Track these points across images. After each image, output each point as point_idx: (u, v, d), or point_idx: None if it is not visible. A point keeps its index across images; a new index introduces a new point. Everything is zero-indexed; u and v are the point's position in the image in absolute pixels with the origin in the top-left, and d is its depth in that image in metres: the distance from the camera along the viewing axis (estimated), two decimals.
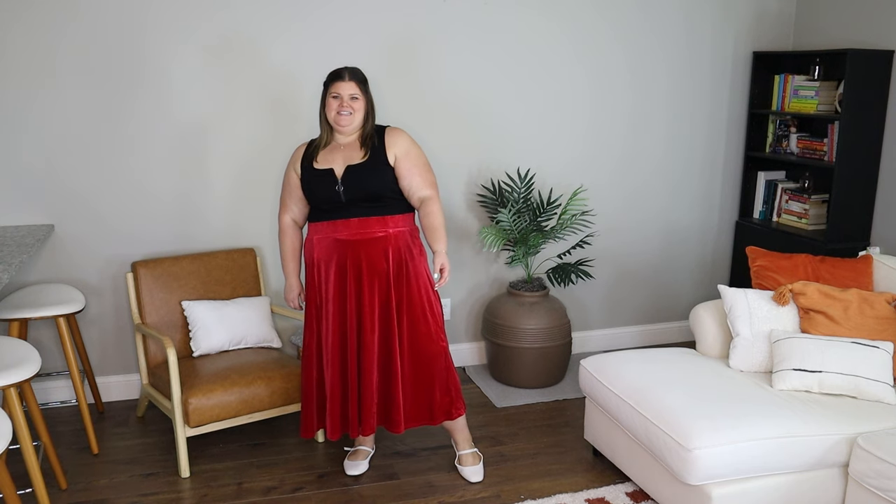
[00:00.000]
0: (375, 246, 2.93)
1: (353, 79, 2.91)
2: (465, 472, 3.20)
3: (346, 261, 2.93)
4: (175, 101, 3.67)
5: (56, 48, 3.48)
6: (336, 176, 2.92)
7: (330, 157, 2.98)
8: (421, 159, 3.02)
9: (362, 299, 2.94)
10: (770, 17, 4.54)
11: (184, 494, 3.06)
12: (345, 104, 2.90)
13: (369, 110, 2.97)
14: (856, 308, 3.08)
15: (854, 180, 4.04)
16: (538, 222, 4.00)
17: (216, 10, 3.63)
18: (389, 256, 2.94)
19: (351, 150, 2.97)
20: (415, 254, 3.00)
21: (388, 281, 2.95)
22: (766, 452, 2.61)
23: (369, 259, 2.93)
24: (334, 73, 2.93)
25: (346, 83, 2.90)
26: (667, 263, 4.69)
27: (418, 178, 2.99)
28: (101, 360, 3.85)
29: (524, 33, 4.11)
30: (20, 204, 3.59)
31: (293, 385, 3.33)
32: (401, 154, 2.97)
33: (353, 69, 2.93)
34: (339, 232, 2.94)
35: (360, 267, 2.93)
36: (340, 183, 2.91)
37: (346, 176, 2.91)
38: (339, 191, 2.91)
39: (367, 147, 2.95)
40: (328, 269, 2.96)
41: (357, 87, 2.91)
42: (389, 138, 2.99)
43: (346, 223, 2.93)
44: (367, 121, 2.97)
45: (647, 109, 4.42)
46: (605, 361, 3.20)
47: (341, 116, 2.90)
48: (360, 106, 2.92)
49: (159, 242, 3.79)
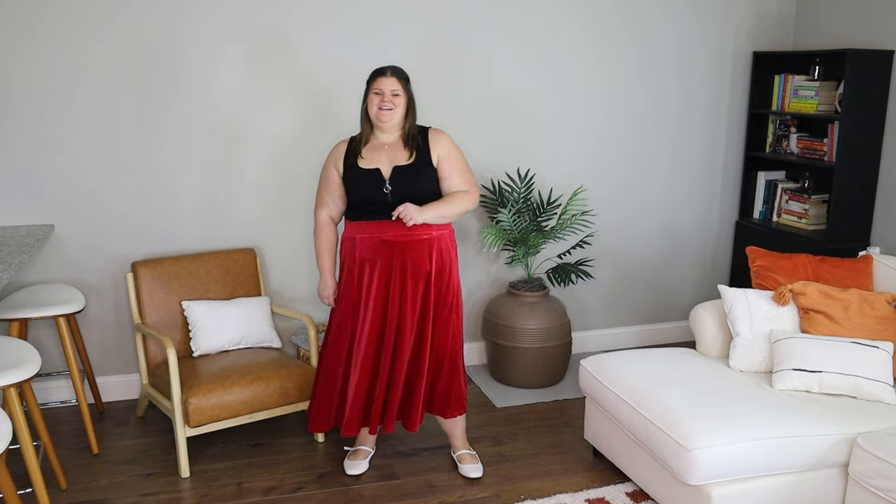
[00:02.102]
0: (420, 248, 2.96)
1: (395, 75, 2.95)
2: (464, 469, 3.20)
3: (391, 261, 2.95)
4: (175, 102, 3.67)
5: (56, 46, 3.48)
6: (384, 176, 2.94)
7: (374, 156, 2.99)
8: (461, 160, 3.07)
9: (405, 300, 2.97)
10: (770, 17, 4.54)
11: (184, 494, 3.06)
12: (386, 99, 2.93)
13: (410, 107, 2.99)
14: (856, 308, 3.08)
15: (854, 180, 4.04)
16: (538, 222, 4.00)
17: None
18: (433, 258, 2.98)
19: (395, 150, 2.99)
20: (453, 256, 3.06)
21: (430, 282, 2.98)
22: (766, 452, 2.61)
23: (413, 260, 2.95)
24: (377, 70, 2.98)
25: (389, 79, 2.94)
26: (667, 263, 4.69)
27: (458, 178, 3.04)
28: (101, 360, 3.85)
29: (527, 32, 4.11)
30: (20, 204, 3.59)
31: (293, 385, 3.32)
32: (443, 155, 3.01)
33: (396, 67, 2.99)
34: (384, 232, 2.95)
35: (404, 268, 2.95)
36: (388, 184, 2.93)
37: (394, 177, 2.94)
38: (388, 192, 2.92)
39: (411, 147, 2.98)
40: (372, 269, 2.97)
41: (399, 84, 2.94)
42: (433, 139, 3.02)
43: (392, 224, 2.95)
44: (407, 118, 3.00)
45: (647, 109, 4.42)
46: (605, 361, 3.20)
47: (382, 112, 2.93)
48: (401, 102, 2.95)
49: (159, 242, 3.79)
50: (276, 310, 3.71)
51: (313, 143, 3.89)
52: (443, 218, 2.98)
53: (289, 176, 3.90)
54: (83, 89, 3.55)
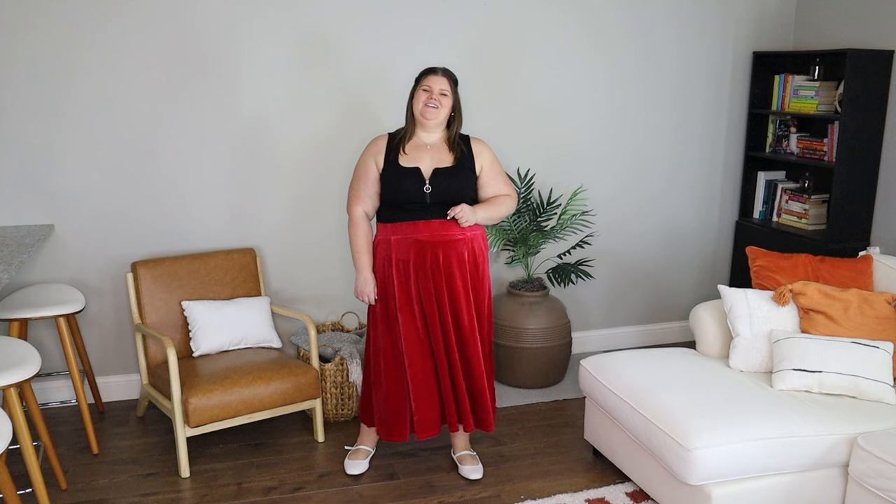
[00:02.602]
0: (455, 247, 2.98)
1: (446, 76, 2.99)
2: (464, 469, 3.20)
3: (428, 261, 2.96)
4: (175, 102, 3.67)
5: (55, 46, 3.48)
6: (423, 176, 2.95)
7: (416, 155, 3.00)
8: (502, 169, 3.16)
9: (443, 299, 2.97)
10: (770, 17, 4.54)
11: (184, 494, 3.06)
12: (434, 97, 2.95)
13: (456, 111, 3.03)
14: (856, 308, 3.08)
15: (854, 180, 4.04)
16: (538, 222, 4.00)
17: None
18: (466, 257, 3.00)
19: (438, 151, 3.02)
20: (485, 256, 3.09)
21: (467, 281, 3.01)
22: (766, 452, 2.61)
23: (448, 260, 2.97)
24: (429, 69, 3.01)
25: (439, 78, 2.97)
26: (667, 263, 4.69)
27: (501, 184, 3.11)
28: (101, 360, 3.85)
29: (527, 32, 4.11)
30: (20, 204, 3.59)
31: (293, 385, 3.32)
32: (487, 165, 3.08)
33: (448, 69, 3.03)
34: (420, 232, 2.96)
35: (442, 267, 2.96)
36: (429, 184, 2.94)
37: (435, 177, 2.96)
38: (427, 192, 2.94)
39: (455, 151, 3.01)
40: (408, 269, 2.98)
41: (448, 84, 2.98)
42: (476, 147, 3.09)
43: (428, 224, 2.96)
44: (452, 121, 3.03)
45: (646, 109, 4.42)
46: (605, 361, 3.20)
47: (428, 109, 2.95)
48: (448, 103, 2.98)
49: (159, 242, 3.79)
50: (276, 310, 3.71)
51: (316, 144, 3.89)
52: (491, 220, 3.06)
53: (289, 176, 3.90)
54: (83, 89, 3.55)
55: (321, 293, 4.07)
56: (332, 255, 4.04)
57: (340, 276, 4.07)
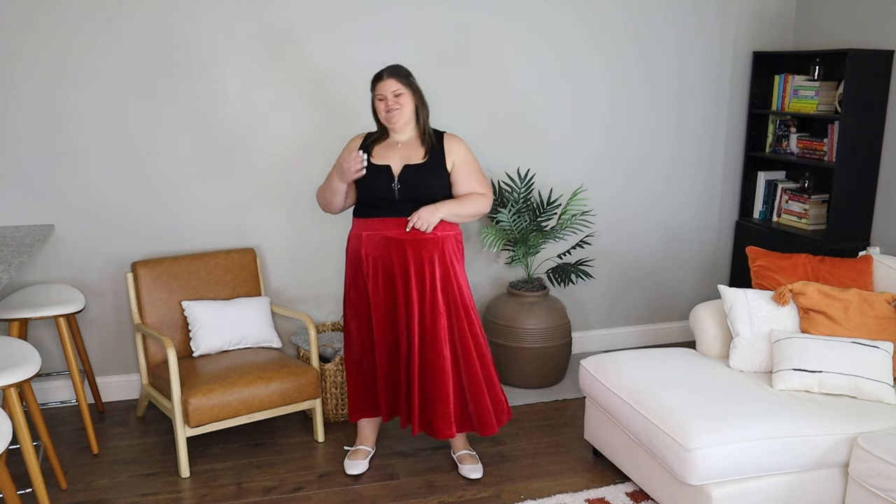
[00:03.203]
0: (425, 246, 2.96)
1: (392, 76, 2.95)
2: (464, 469, 3.20)
3: (396, 258, 2.96)
4: (175, 102, 3.67)
5: (56, 47, 3.48)
6: (393, 173, 2.95)
7: (387, 153, 3.01)
8: (477, 166, 3.09)
9: (411, 298, 2.97)
10: (770, 17, 4.54)
11: (184, 494, 3.06)
12: (390, 102, 2.93)
13: (419, 102, 2.99)
14: (856, 308, 3.08)
15: (854, 180, 4.04)
16: (538, 222, 4.00)
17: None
18: (436, 258, 2.98)
19: (410, 148, 3.01)
20: (459, 257, 3.06)
21: (436, 282, 2.98)
22: (766, 452, 2.61)
23: (419, 259, 2.96)
24: (375, 76, 2.98)
25: (387, 82, 2.94)
26: (667, 263, 4.69)
27: (474, 182, 3.06)
28: (101, 360, 3.85)
29: (527, 32, 4.11)
30: (20, 204, 3.59)
31: (293, 385, 3.32)
32: (459, 161, 3.03)
33: (392, 67, 2.98)
34: (389, 229, 2.96)
35: (409, 266, 2.96)
36: (397, 181, 2.94)
37: (404, 174, 2.95)
38: (395, 188, 2.93)
39: (426, 147, 2.99)
40: (377, 266, 2.99)
41: (399, 83, 2.94)
42: (449, 144, 3.04)
43: (398, 221, 2.96)
44: (419, 114, 3.00)
45: (646, 109, 4.42)
46: (605, 361, 3.20)
47: (391, 115, 2.94)
48: (407, 100, 2.95)
49: (159, 242, 3.79)
50: (276, 310, 3.71)
51: (314, 144, 3.89)
52: (456, 216, 3.00)
53: (289, 176, 3.90)
54: (83, 89, 3.55)
55: (321, 293, 4.07)
56: (332, 255, 4.04)
57: (340, 276, 4.07)
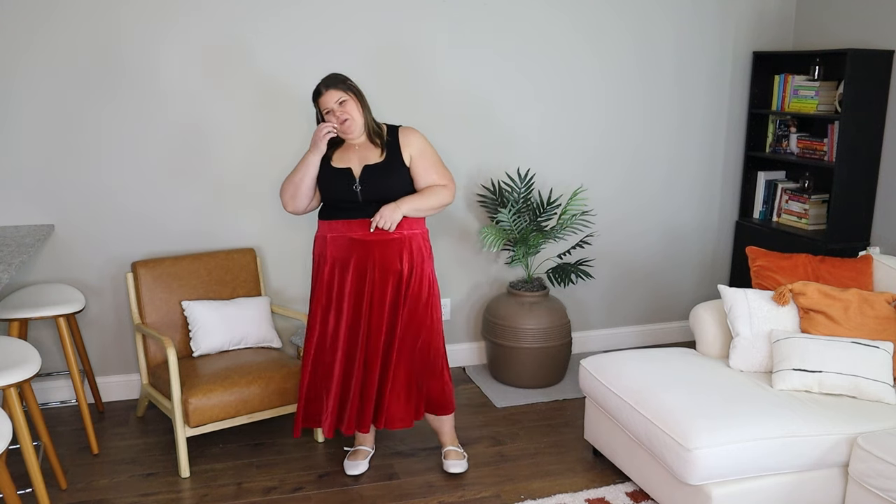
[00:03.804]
0: (391, 247, 2.95)
1: (331, 86, 2.91)
2: (446, 464, 3.21)
3: (362, 260, 2.95)
4: (174, 103, 3.67)
5: (57, 47, 3.48)
6: (354, 175, 2.94)
7: (346, 155, 2.99)
8: (435, 158, 3.04)
9: (375, 299, 2.96)
10: (770, 17, 4.54)
11: (184, 494, 3.06)
12: (337, 113, 2.91)
13: (362, 103, 2.96)
14: (856, 308, 3.08)
15: (854, 180, 4.04)
16: (538, 222, 4.00)
17: (214, 9, 3.63)
18: (403, 258, 2.96)
19: (365, 149, 2.99)
20: (425, 256, 3.04)
21: (401, 282, 2.97)
22: (766, 452, 2.61)
23: (385, 260, 2.94)
24: (314, 92, 2.95)
25: (327, 94, 2.91)
26: (667, 263, 4.69)
27: (434, 174, 3.01)
28: (101, 360, 3.85)
29: (527, 32, 4.11)
30: (20, 204, 3.59)
31: (293, 385, 3.32)
32: (416, 154, 2.99)
33: (328, 77, 2.94)
34: (354, 231, 2.95)
35: (375, 267, 2.94)
36: (359, 183, 2.92)
37: (364, 176, 2.93)
38: (357, 190, 2.92)
39: (381, 146, 2.97)
40: (344, 268, 2.97)
41: (339, 92, 2.91)
42: (404, 138, 3.00)
43: (362, 223, 2.94)
44: (365, 115, 2.97)
45: (646, 109, 4.42)
46: (605, 361, 3.20)
47: (345, 126, 2.92)
48: (352, 107, 2.92)
49: (159, 242, 3.79)
50: (276, 310, 3.71)
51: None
52: (419, 211, 2.97)
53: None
54: (83, 89, 3.55)
55: None
56: None
57: None
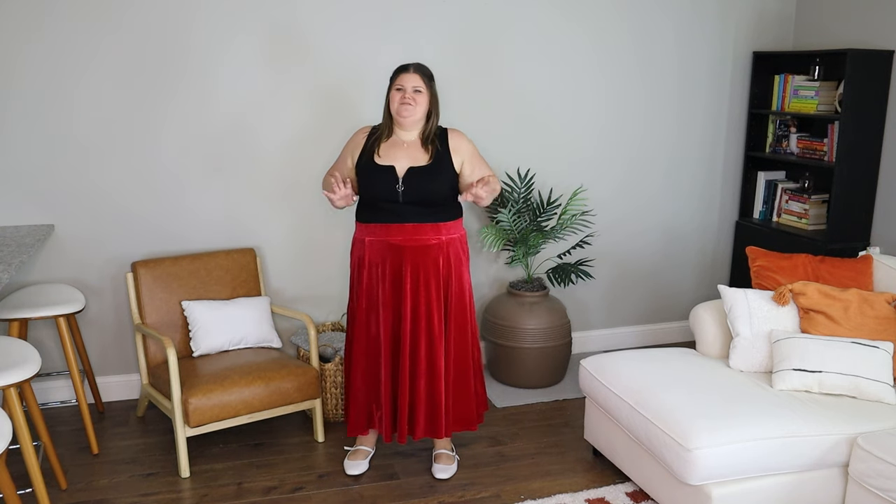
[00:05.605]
0: (429, 253, 2.95)
1: (418, 72, 2.94)
2: (434, 468, 3.21)
3: (400, 265, 2.95)
4: (176, 101, 3.67)
5: (57, 48, 3.48)
6: (397, 175, 2.93)
7: (392, 153, 2.97)
8: (480, 156, 3.10)
9: (417, 305, 2.96)
10: (770, 17, 4.54)
11: (184, 494, 3.06)
12: (407, 96, 2.91)
13: (433, 107, 2.98)
14: (856, 308, 3.08)
15: (854, 180, 4.04)
16: (538, 222, 4.00)
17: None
18: (441, 263, 2.97)
19: (414, 149, 2.98)
20: (462, 260, 3.05)
21: (440, 287, 2.98)
22: (766, 452, 2.61)
23: (424, 265, 2.95)
24: (401, 67, 2.97)
25: (411, 75, 2.93)
26: (667, 263, 4.69)
27: (486, 168, 3.07)
28: (101, 360, 3.85)
29: (527, 32, 4.11)
30: (20, 204, 3.59)
31: (293, 385, 3.32)
32: (468, 158, 3.03)
33: (420, 64, 2.98)
34: (392, 236, 2.95)
35: (415, 272, 2.94)
36: (402, 183, 2.92)
37: (408, 177, 2.92)
38: (399, 191, 2.91)
39: (431, 149, 2.97)
40: (382, 273, 2.97)
41: (421, 81, 2.93)
42: (454, 141, 3.02)
43: (401, 228, 2.94)
44: (429, 118, 2.99)
45: (647, 109, 4.42)
46: (605, 361, 3.20)
47: (403, 107, 2.91)
48: (423, 100, 2.94)
49: (159, 242, 3.79)
50: (276, 310, 3.71)
51: (315, 144, 3.89)
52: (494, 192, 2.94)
53: (289, 176, 3.90)
54: (83, 89, 3.55)
55: (321, 293, 4.07)
56: (332, 255, 4.04)
57: (340, 276, 4.07)
